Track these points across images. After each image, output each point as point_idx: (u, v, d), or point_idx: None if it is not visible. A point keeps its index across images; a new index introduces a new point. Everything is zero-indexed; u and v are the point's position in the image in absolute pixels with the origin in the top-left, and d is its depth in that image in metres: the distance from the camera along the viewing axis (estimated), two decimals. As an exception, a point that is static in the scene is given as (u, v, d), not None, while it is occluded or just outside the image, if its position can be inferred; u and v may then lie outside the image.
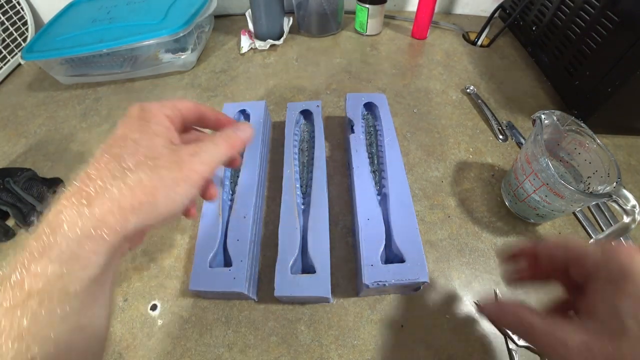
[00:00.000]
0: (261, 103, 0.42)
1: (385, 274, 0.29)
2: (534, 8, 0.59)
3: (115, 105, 0.55)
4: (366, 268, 0.30)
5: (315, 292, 0.29)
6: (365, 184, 0.35)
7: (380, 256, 0.31)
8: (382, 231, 0.32)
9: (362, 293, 0.32)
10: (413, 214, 0.33)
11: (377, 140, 0.41)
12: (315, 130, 0.42)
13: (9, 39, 0.63)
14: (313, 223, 0.33)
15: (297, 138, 0.43)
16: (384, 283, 0.29)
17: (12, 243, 0.39)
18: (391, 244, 0.32)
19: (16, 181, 0.38)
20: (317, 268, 0.31)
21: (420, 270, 0.29)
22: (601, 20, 0.42)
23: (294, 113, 0.44)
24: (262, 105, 0.42)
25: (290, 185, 0.36)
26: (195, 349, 0.31)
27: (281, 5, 0.62)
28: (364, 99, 0.44)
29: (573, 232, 0.38)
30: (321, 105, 0.44)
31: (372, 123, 0.44)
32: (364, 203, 0.34)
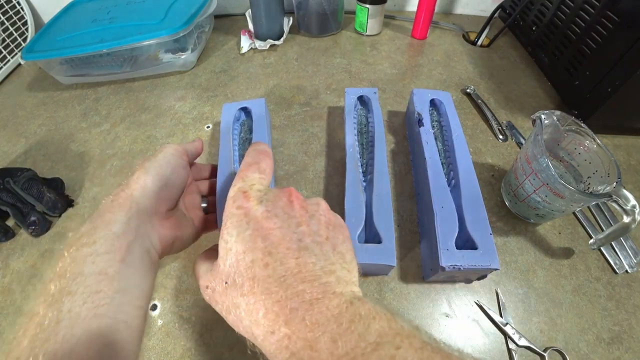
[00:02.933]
0: (261, 100, 0.43)
1: (460, 259, 0.30)
2: (534, 8, 0.59)
3: (115, 105, 0.55)
4: (443, 251, 0.30)
5: (381, 259, 0.31)
6: (437, 174, 0.36)
7: (453, 242, 0.32)
8: (455, 219, 0.33)
9: (431, 278, 0.33)
10: (482, 205, 0.33)
11: (444, 134, 0.42)
12: (374, 114, 0.44)
13: (9, 39, 0.63)
14: (377, 197, 0.35)
15: (356, 120, 0.44)
16: (459, 267, 0.29)
17: (12, 243, 0.39)
18: (462, 232, 0.32)
19: (16, 181, 0.38)
20: (383, 237, 0.32)
21: (491, 257, 0.30)
22: (601, 20, 0.42)
23: (353, 98, 0.46)
24: (262, 102, 0.43)
25: (354, 162, 0.38)
26: (195, 349, 0.31)
27: (281, 5, 0.62)
28: (430, 95, 0.45)
29: (573, 232, 0.38)
30: (378, 92, 0.46)
31: (437, 118, 0.44)
32: (437, 191, 0.35)
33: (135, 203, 0.23)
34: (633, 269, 0.35)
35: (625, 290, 0.34)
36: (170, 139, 0.49)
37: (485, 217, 0.33)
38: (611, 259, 0.35)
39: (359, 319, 0.16)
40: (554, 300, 0.33)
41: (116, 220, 0.22)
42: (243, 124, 0.43)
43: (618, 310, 0.32)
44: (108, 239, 0.21)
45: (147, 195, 0.24)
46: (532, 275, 0.35)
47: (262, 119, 0.41)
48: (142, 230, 0.23)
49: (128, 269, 0.21)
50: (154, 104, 0.55)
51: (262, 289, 0.17)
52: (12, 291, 0.35)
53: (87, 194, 0.43)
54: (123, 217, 0.22)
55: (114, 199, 0.24)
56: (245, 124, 0.43)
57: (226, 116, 0.41)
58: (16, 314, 0.33)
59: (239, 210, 0.20)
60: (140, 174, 0.25)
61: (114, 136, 0.50)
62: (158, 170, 0.25)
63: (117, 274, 0.20)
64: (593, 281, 0.34)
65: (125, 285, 0.21)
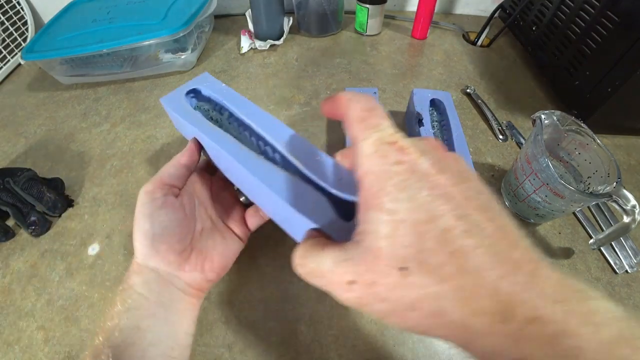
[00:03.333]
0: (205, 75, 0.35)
1: None
2: (534, 8, 0.59)
3: (115, 105, 0.55)
4: None
5: None
6: None
7: None
8: None
9: None
10: None
11: (443, 134, 0.42)
12: None
13: (9, 39, 0.63)
14: None
15: None
16: None
17: (12, 243, 0.39)
18: None
19: (16, 181, 0.38)
20: None
21: None
22: (601, 20, 0.42)
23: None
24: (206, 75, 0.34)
25: None
26: (195, 349, 0.31)
27: (281, 5, 0.62)
28: (430, 95, 0.45)
29: (573, 232, 0.38)
30: (378, 93, 0.46)
31: (437, 118, 0.44)
32: None
33: (144, 266, 0.25)
34: (633, 269, 0.35)
35: (625, 290, 0.34)
36: (170, 139, 0.49)
37: None
38: (611, 259, 0.35)
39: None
40: (554, 300, 0.33)
41: (136, 283, 0.24)
42: (203, 107, 0.33)
43: (618, 310, 0.32)
44: (136, 299, 0.24)
45: (146, 255, 0.25)
46: (532, 275, 0.35)
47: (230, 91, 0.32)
48: (164, 285, 0.25)
49: (159, 322, 0.24)
50: (154, 104, 0.55)
51: (475, 264, 0.13)
52: (12, 291, 0.35)
53: (87, 194, 0.43)
54: (140, 280, 0.24)
55: (131, 265, 0.25)
56: (208, 106, 0.33)
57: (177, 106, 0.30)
58: (16, 314, 0.33)
59: (400, 167, 0.14)
60: (134, 237, 0.25)
61: (114, 136, 0.50)
62: (140, 228, 0.25)
63: (149, 327, 0.23)
64: (593, 281, 0.34)
65: (158, 336, 0.23)
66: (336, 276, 0.15)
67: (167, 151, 0.47)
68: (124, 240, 0.38)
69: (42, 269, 0.36)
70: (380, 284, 0.14)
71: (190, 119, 0.29)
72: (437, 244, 0.13)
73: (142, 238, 0.24)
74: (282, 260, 0.36)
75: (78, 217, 0.41)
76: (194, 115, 0.29)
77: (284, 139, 0.26)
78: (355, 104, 0.17)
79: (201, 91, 0.32)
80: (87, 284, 0.35)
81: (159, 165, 0.45)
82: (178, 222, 0.26)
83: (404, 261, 0.13)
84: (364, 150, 0.15)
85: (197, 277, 0.26)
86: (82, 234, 0.39)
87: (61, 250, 0.38)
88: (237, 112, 0.29)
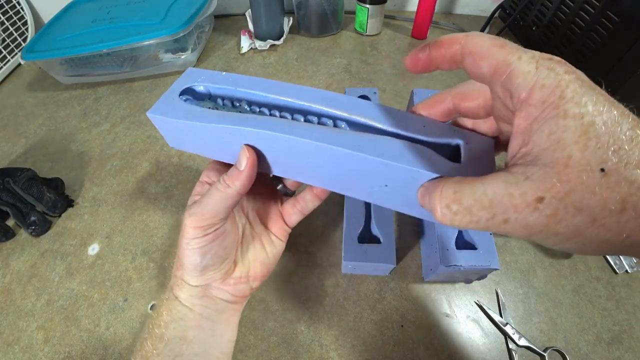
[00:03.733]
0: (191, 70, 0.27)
1: (460, 259, 0.30)
2: (534, 8, 0.59)
3: (115, 105, 0.55)
4: (443, 252, 0.31)
5: (381, 260, 0.31)
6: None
7: (453, 243, 0.32)
8: None
9: (431, 277, 0.33)
10: None
11: None
12: None
13: (9, 39, 0.63)
14: None
15: None
16: (459, 267, 0.30)
17: (12, 243, 0.39)
18: (462, 232, 0.33)
19: (16, 181, 0.38)
20: (382, 238, 0.32)
21: (491, 257, 0.30)
22: (601, 20, 0.42)
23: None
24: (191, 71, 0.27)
25: None
26: (195, 349, 0.31)
27: (281, 5, 0.62)
28: (431, 95, 0.45)
29: (573, 232, 0.38)
30: (378, 93, 0.45)
31: None
32: None
33: (186, 283, 0.24)
34: (633, 269, 0.35)
35: (625, 290, 0.34)
36: (170, 139, 0.49)
37: None
38: (611, 259, 0.35)
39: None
40: (554, 300, 0.33)
41: (180, 296, 0.24)
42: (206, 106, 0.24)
43: (618, 310, 0.32)
44: (181, 310, 0.23)
45: (193, 279, 0.24)
46: (532, 275, 0.35)
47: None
48: (209, 298, 0.24)
49: (205, 333, 0.24)
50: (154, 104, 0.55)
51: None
52: (12, 291, 0.35)
53: (87, 194, 0.43)
54: (184, 295, 0.24)
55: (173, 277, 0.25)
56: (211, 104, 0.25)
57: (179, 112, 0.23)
58: (16, 314, 0.33)
59: (571, 75, 0.14)
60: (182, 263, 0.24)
61: (114, 136, 0.50)
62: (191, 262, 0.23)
63: (195, 338, 0.23)
64: (593, 281, 0.34)
65: (204, 347, 0.23)
66: (513, 199, 0.13)
67: (167, 151, 0.47)
68: (124, 240, 0.38)
69: (42, 269, 0.36)
70: (578, 191, 0.12)
71: (207, 119, 0.22)
72: (630, 141, 0.12)
73: (191, 269, 0.23)
74: (282, 260, 0.36)
75: (78, 217, 0.41)
76: (209, 113, 0.22)
77: (338, 102, 0.21)
78: (480, 37, 0.16)
79: (196, 89, 0.25)
80: (87, 284, 0.35)
81: (159, 165, 0.45)
82: (226, 247, 0.24)
83: (603, 162, 0.12)
84: (524, 68, 0.14)
85: (242, 287, 0.26)
86: (82, 234, 0.39)
87: (61, 250, 0.38)
88: (264, 94, 0.23)
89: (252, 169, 0.21)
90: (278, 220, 0.28)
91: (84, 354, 0.31)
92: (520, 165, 0.14)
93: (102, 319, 0.33)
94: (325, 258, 0.36)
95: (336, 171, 0.21)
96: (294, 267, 0.36)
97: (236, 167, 0.21)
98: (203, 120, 0.21)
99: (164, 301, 0.24)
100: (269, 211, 0.28)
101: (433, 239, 0.32)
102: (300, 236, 0.38)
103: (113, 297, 0.34)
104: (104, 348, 0.31)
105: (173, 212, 0.40)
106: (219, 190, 0.22)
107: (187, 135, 0.24)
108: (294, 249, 0.37)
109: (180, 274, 0.24)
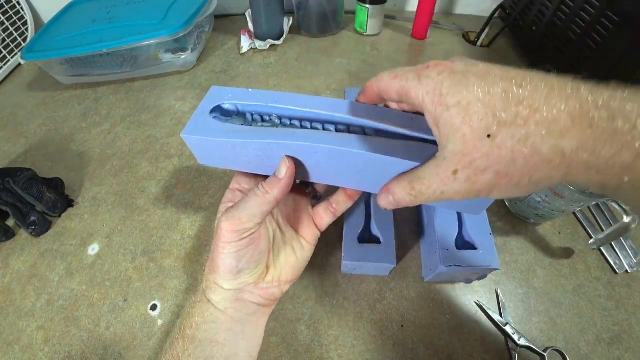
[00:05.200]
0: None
1: (460, 259, 0.30)
2: (534, 8, 0.59)
3: (115, 105, 0.55)
4: (443, 252, 0.31)
5: (381, 260, 0.31)
6: None
7: (453, 243, 0.32)
8: (455, 219, 0.33)
9: (431, 278, 0.33)
10: None
11: None
12: None
13: (9, 39, 0.63)
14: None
15: None
16: (459, 267, 0.30)
17: (12, 243, 0.39)
18: (462, 232, 0.33)
19: (16, 181, 0.38)
20: (382, 238, 0.32)
21: (491, 257, 0.30)
22: (601, 20, 0.42)
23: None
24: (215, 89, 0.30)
25: None
26: (195, 349, 0.31)
27: (281, 5, 0.62)
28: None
29: (573, 232, 0.38)
30: None
31: None
32: None
33: (220, 287, 0.24)
34: (633, 269, 0.35)
35: (625, 290, 0.34)
36: (170, 139, 0.49)
37: (485, 217, 0.33)
38: (611, 259, 0.35)
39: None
40: (554, 300, 0.33)
41: (212, 299, 0.24)
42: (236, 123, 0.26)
43: (618, 310, 0.32)
44: (213, 312, 0.24)
45: (227, 283, 0.24)
46: (532, 275, 0.35)
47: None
48: (241, 302, 0.25)
49: (236, 336, 0.24)
50: (154, 104, 0.55)
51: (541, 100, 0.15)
52: (12, 291, 0.35)
53: (87, 194, 0.43)
54: (217, 298, 0.24)
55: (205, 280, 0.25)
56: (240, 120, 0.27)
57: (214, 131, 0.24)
58: (16, 314, 0.33)
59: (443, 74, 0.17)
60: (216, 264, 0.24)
61: (114, 136, 0.50)
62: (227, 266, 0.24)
63: (226, 341, 0.24)
64: (593, 281, 0.34)
65: (234, 350, 0.24)
66: (440, 177, 0.18)
67: (167, 151, 0.47)
68: (124, 240, 0.38)
69: (42, 269, 0.36)
70: (477, 157, 0.16)
71: (249, 135, 0.23)
72: (503, 103, 0.15)
73: (226, 272, 0.24)
74: (282, 260, 0.36)
75: (78, 217, 0.41)
76: (247, 130, 0.24)
77: (346, 110, 0.25)
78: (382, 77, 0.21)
79: (223, 106, 0.26)
80: (87, 284, 0.35)
81: (159, 165, 0.45)
82: (261, 251, 0.25)
83: (487, 129, 0.15)
84: (412, 84, 0.18)
85: (274, 291, 0.27)
86: (82, 234, 0.39)
87: (61, 250, 0.38)
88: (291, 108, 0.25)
89: (291, 177, 0.24)
90: (309, 224, 0.30)
91: (84, 354, 0.31)
92: (440, 150, 0.18)
93: (102, 319, 0.33)
94: (325, 258, 0.36)
95: (363, 172, 0.24)
96: (294, 267, 0.36)
97: (276, 175, 0.24)
98: (245, 137, 0.23)
99: (197, 303, 0.25)
100: (299, 216, 0.30)
101: (433, 239, 0.32)
102: (300, 236, 0.38)
103: (113, 297, 0.34)
104: (104, 348, 0.31)
105: (173, 212, 0.40)
106: (258, 195, 0.23)
107: (222, 152, 0.25)
108: (294, 249, 0.37)
109: (214, 277, 0.24)
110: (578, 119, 0.14)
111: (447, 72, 0.17)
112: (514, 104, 0.15)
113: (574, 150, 0.15)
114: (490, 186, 0.17)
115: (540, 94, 0.15)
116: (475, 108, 0.16)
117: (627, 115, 0.14)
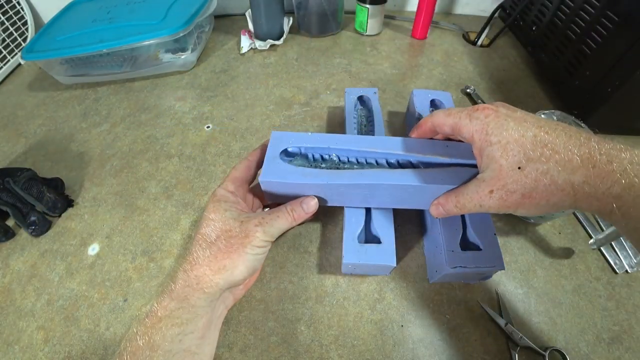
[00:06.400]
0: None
1: (465, 260, 0.30)
2: (534, 8, 0.59)
3: (115, 105, 0.55)
4: (448, 253, 0.31)
5: (381, 260, 0.31)
6: None
7: (458, 244, 0.32)
8: (458, 220, 0.33)
9: (435, 279, 0.33)
10: None
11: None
12: (374, 114, 0.44)
13: (9, 39, 0.63)
14: None
15: (356, 120, 0.44)
16: (464, 268, 0.30)
17: (12, 243, 0.39)
18: (466, 234, 0.33)
19: (16, 181, 0.38)
20: (383, 238, 0.32)
21: (496, 258, 0.30)
22: (601, 20, 0.42)
23: (353, 97, 0.46)
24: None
25: None
26: (195, 349, 0.31)
27: (281, 5, 0.62)
28: (430, 95, 0.45)
29: (573, 232, 0.38)
30: (378, 92, 0.47)
31: None
32: None
33: (220, 289, 0.26)
34: (633, 269, 0.35)
35: (625, 290, 0.34)
36: (170, 139, 0.49)
37: (489, 217, 0.33)
38: (611, 259, 0.35)
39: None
40: (554, 300, 0.33)
41: (200, 305, 0.25)
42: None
43: (618, 310, 0.32)
44: (193, 321, 0.24)
45: (231, 283, 0.26)
46: (532, 275, 0.35)
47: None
48: (220, 305, 0.27)
49: (205, 342, 0.25)
50: (154, 104, 0.55)
51: (561, 145, 0.21)
52: (12, 291, 0.35)
53: (87, 194, 0.43)
54: (207, 301, 0.25)
55: (199, 282, 0.25)
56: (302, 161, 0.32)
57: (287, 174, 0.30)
58: (16, 314, 0.33)
59: (489, 117, 0.24)
60: (229, 265, 0.25)
61: (114, 136, 0.50)
62: (248, 265, 0.26)
63: (197, 348, 0.24)
64: (593, 281, 0.34)
65: (201, 358, 0.25)
66: (479, 194, 0.24)
67: (167, 151, 0.47)
68: (124, 240, 0.38)
69: (42, 269, 0.36)
70: (509, 182, 0.22)
71: (315, 178, 0.29)
72: (532, 145, 0.22)
73: (244, 272, 0.26)
74: (282, 259, 0.36)
75: (78, 217, 0.41)
76: (318, 173, 0.29)
77: (395, 146, 0.31)
78: (438, 113, 0.28)
79: (288, 149, 0.31)
80: (87, 284, 0.35)
81: (159, 165, 0.45)
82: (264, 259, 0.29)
83: (518, 163, 0.22)
84: (464, 122, 0.25)
85: (241, 293, 0.30)
86: (82, 234, 0.39)
87: (61, 250, 0.38)
88: (349, 148, 0.31)
89: (314, 212, 0.30)
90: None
91: (84, 354, 0.31)
92: (481, 173, 0.25)
93: (102, 319, 0.33)
94: (325, 258, 0.36)
95: (411, 196, 0.30)
96: (294, 267, 0.36)
97: (304, 209, 0.29)
98: (321, 180, 0.29)
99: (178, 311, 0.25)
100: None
101: (438, 240, 0.32)
102: (300, 236, 0.38)
103: (113, 297, 0.34)
104: (104, 348, 0.31)
105: (173, 212, 0.40)
106: (287, 220, 0.28)
107: (294, 190, 0.30)
108: (294, 248, 0.37)
109: (214, 277, 0.25)
110: (586, 161, 0.20)
111: (493, 115, 0.24)
112: (540, 146, 0.21)
113: (581, 184, 0.20)
114: (516, 204, 0.23)
115: (561, 140, 0.21)
116: (511, 146, 0.22)
117: (621, 161, 0.19)
